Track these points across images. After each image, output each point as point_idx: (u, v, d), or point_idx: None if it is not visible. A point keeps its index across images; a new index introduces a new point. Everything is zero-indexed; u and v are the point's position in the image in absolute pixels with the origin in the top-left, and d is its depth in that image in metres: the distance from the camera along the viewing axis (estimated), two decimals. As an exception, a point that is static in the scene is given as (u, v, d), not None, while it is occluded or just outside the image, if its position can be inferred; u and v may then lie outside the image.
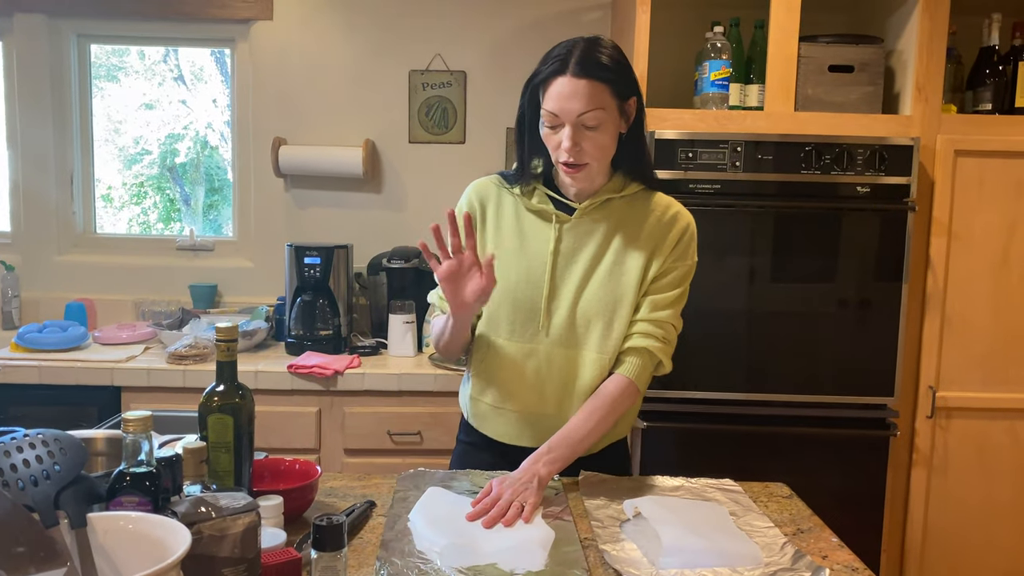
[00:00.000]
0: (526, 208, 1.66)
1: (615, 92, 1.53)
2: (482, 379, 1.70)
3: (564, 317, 1.62)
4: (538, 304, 1.62)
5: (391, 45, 3.12)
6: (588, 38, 1.56)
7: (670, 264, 1.63)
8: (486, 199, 1.70)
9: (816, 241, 2.44)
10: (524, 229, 1.66)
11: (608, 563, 1.25)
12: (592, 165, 1.56)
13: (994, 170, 2.48)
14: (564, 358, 1.63)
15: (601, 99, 1.51)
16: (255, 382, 2.54)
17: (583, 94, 1.49)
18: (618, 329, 1.61)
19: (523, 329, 1.64)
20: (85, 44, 3.21)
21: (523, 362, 1.64)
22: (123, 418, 1.06)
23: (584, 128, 1.52)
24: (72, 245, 3.24)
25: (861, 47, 2.53)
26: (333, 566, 1.09)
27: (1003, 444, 2.53)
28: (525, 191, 1.67)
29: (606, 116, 1.52)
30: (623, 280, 1.61)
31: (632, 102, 1.58)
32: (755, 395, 2.47)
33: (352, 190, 3.17)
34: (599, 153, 1.55)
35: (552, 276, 1.62)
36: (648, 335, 1.61)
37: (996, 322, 2.51)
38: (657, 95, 2.72)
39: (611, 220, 1.63)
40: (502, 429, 1.70)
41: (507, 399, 1.67)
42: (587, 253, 1.62)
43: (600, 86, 1.50)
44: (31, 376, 2.58)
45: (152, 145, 3.37)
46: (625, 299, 1.61)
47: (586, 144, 1.53)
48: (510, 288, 1.63)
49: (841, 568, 1.29)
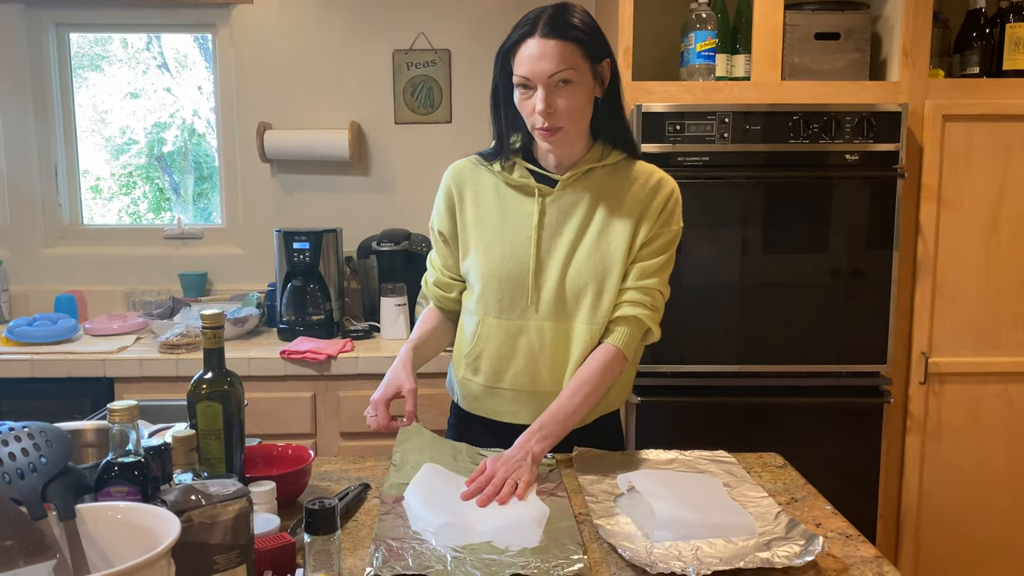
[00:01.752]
0: (507, 184, 1.65)
1: (586, 52, 1.52)
2: (473, 359, 1.69)
3: (553, 291, 1.61)
4: (526, 279, 1.62)
5: (373, 25, 3.09)
6: (557, 3, 1.55)
7: (656, 231, 1.62)
8: (463, 182, 1.70)
9: (806, 210, 2.43)
10: (506, 205, 1.65)
11: (603, 538, 1.25)
12: (567, 129, 1.55)
13: (982, 134, 2.47)
14: (555, 332, 1.62)
15: (572, 59, 1.50)
16: (248, 369, 2.53)
17: (553, 54, 1.49)
18: (608, 299, 1.60)
19: (512, 306, 1.63)
20: (64, 33, 3.17)
21: (514, 339, 1.64)
22: (109, 408, 1.06)
23: (556, 89, 1.51)
24: (59, 237, 3.22)
25: (847, 14, 2.51)
26: (327, 549, 1.08)
27: (996, 408, 2.54)
28: (505, 166, 1.66)
29: (578, 76, 1.51)
30: (610, 250, 1.60)
31: (605, 64, 1.57)
32: (748, 367, 2.47)
33: (339, 173, 3.15)
34: (573, 115, 1.54)
35: (538, 250, 1.62)
36: (636, 303, 1.61)
37: (987, 287, 2.51)
38: (643, 68, 2.70)
39: (594, 190, 1.62)
40: (499, 408, 1.69)
41: (500, 378, 1.66)
42: (572, 224, 1.62)
43: (570, 46, 1.50)
44: (23, 370, 2.57)
45: (139, 134, 3.34)
46: (613, 268, 1.60)
47: (560, 105, 1.51)
48: (495, 266, 1.63)
49: (835, 535, 1.30)
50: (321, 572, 1.08)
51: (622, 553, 1.19)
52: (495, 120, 1.64)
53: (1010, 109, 2.45)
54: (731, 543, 1.23)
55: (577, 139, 1.61)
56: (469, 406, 1.74)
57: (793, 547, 1.20)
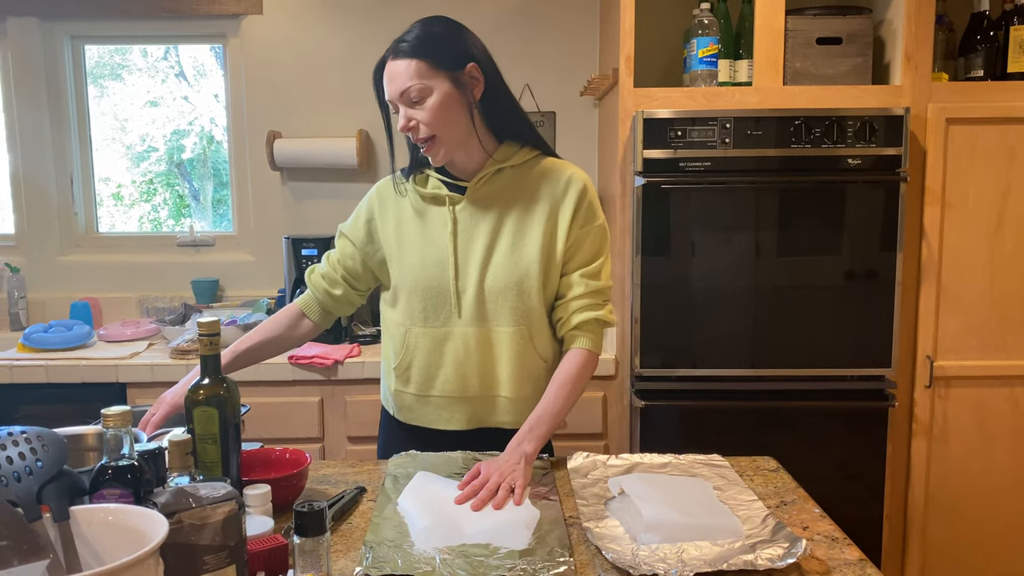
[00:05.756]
0: (421, 197, 1.69)
1: (436, 64, 1.55)
2: (404, 370, 1.72)
3: (473, 296, 1.65)
4: (447, 287, 1.65)
5: (380, 34, 3.11)
6: (422, 19, 1.60)
7: (579, 231, 1.66)
8: (385, 197, 1.75)
9: (809, 215, 2.44)
10: (424, 217, 1.69)
11: (590, 540, 1.27)
12: (441, 137, 1.58)
13: (986, 137, 2.46)
14: (480, 336, 1.66)
15: (420, 72, 1.54)
16: (257, 374, 2.57)
17: (400, 73, 1.55)
18: (529, 301, 1.64)
19: (436, 314, 1.67)
20: (79, 45, 3.24)
21: (441, 346, 1.68)
22: (103, 413, 1.09)
23: (413, 105, 1.56)
24: (75, 245, 3.28)
25: (849, 18, 2.52)
26: (316, 550, 1.11)
27: (1002, 411, 2.53)
28: (418, 179, 1.70)
29: (430, 88, 1.55)
30: (526, 251, 1.64)
31: (470, 69, 1.59)
32: (751, 371, 2.48)
33: (348, 181, 3.19)
34: (438, 123, 1.57)
35: (455, 257, 1.65)
36: (595, 307, 1.66)
37: (992, 289, 2.50)
38: (646, 74, 2.72)
39: (504, 192, 1.66)
40: (432, 415, 1.72)
41: (431, 385, 1.70)
42: (485, 228, 1.65)
43: (415, 62, 1.54)
44: (38, 375, 2.62)
45: (158, 142, 3.40)
46: (531, 269, 1.64)
47: (420, 118, 1.56)
48: (417, 277, 1.67)
49: (821, 538, 1.31)
50: (310, 573, 1.11)
51: (607, 555, 1.21)
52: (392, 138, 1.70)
53: (1015, 112, 2.44)
54: (716, 545, 1.25)
55: (462, 145, 1.63)
56: (405, 417, 1.77)
57: (777, 549, 1.21)
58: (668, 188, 2.41)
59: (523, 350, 1.66)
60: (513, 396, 1.67)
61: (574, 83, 3.10)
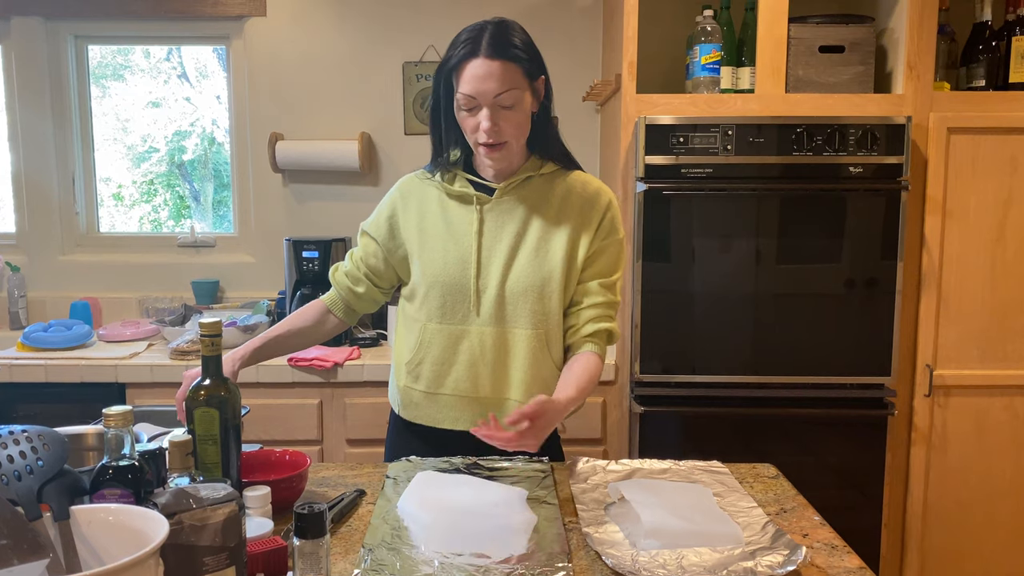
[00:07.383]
0: (448, 195, 1.70)
1: (526, 72, 1.57)
2: (415, 366, 1.72)
3: (494, 296, 1.65)
4: (468, 285, 1.66)
5: (384, 37, 3.14)
6: (496, 21, 1.60)
7: (600, 243, 1.68)
8: (408, 194, 1.75)
9: (810, 222, 2.44)
10: (449, 215, 1.69)
11: (590, 545, 1.27)
12: (511, 143, 1.61)
13: (988, 147, 2.47)
14: (496, 337, 1.66)
15: (515, 79, 1.55)
16: (256, 376, 2.57)
17: (498, 75, 1.54)
18: (548, 304, 1.65)
19: (454, 311, 1.67)
20: (82, 45, 3.25)
21: (456, 344, 1.68)
22: (104, 413, 1.09)
23: (501, 108, 1.56)
24: (76, 245, 3.28)
25: (852, 27, 2.52)
26: (315, 553, 1.11)
27: (1002, 420, 2.53)
28: (446, 178, 1.71)
29: (521, 95, 1.57)
30: (549, 256, 1.65)
31: (541, 81, 1.62)
32: (751, 377, 2.48)
33: (349, 183, 3.20)
34: (517, 131, 1.60)
35: (479, 257, 1.66)
36: (607, 318, 1.68)
37: (992, 299, 2.50)
38: (648, 81, 2.72)
39: (531, 198, 1.67)
40: (439, 414, 1.72)
41: (441, 383, 1.70)
42: (510, 231, 1.66)
43: (513, 66, 1.55)
44: (38, 375, 2.62)
45: (160, 143, 3.40)
46: (553, 275, 1.65)
47: (504, 124, 1.57)
48: (438, 273, 1.67)
49: (821, 546, 1.31)
50: (309, 575, 1.11)
51: (607, 561, 1.21)
52: (434, 134, 1.69)
53: (1016, 122, 2.45)
54: (716, 552, 1.25)
55: (517, 152, 1.66)
56: (410, 415, 1.76)
57: (776, 557, 1.21)
58: (669, 194, 2.41)
59: (538, 353, 1.66)
60: (523, 400, 1.66)
61: (576, 88, 3.10)
